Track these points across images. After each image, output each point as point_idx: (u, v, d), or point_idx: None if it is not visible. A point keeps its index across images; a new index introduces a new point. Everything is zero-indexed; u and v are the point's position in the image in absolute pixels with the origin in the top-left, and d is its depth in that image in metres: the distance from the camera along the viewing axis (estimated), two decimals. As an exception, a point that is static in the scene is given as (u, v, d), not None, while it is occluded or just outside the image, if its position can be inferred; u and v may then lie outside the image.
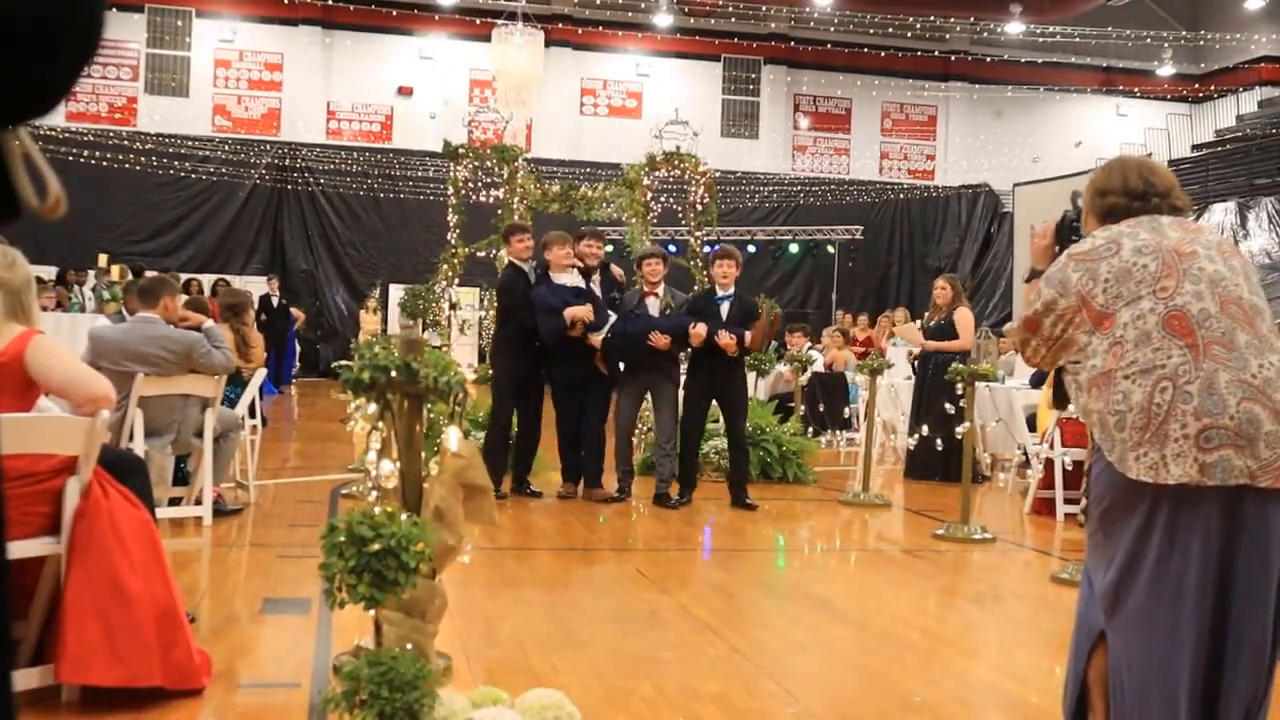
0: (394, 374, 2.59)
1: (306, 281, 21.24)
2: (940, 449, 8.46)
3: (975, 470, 8.40)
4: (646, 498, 7.51)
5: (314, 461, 9.23)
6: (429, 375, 2.60)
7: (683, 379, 7.84)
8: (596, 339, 7.29)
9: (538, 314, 7.21)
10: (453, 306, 9.65)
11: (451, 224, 9.68)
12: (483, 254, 9.90)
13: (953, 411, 7.20)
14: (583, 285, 7.34)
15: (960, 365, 6.94)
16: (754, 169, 23.46)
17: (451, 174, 9.62)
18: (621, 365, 7.57)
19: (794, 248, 22.34)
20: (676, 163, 9.50)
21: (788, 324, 12.89)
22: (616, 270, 7.76)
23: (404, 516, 2.56)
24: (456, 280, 9.72)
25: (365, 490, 2.76)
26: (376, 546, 2.44)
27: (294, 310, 18.29)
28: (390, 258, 21.48)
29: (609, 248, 7.97)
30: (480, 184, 10.09)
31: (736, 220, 22.18)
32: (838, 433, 11.23)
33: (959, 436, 6.98)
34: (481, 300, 21.39)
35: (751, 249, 20.70)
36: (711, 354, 7.26)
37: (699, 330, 7.22)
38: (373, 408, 2.65)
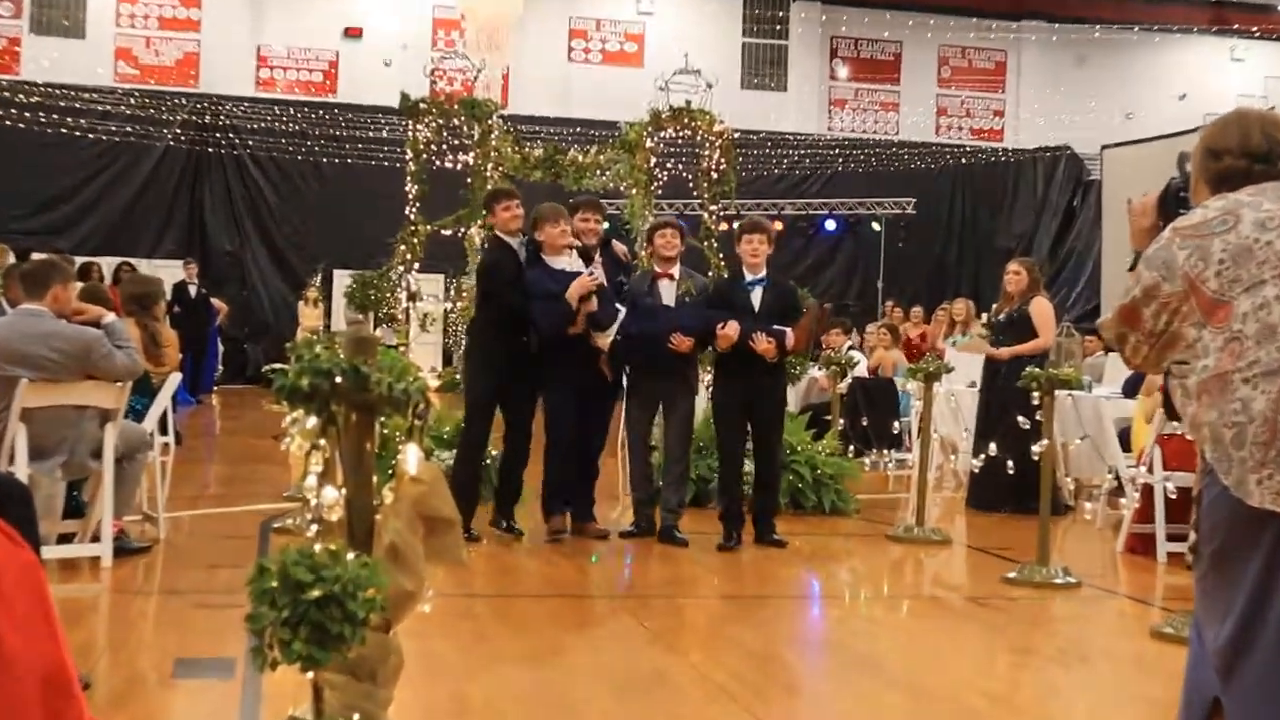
0: (339, 380, 2.57)
1: (232, 266, 21.26)
2: (1012, 473, 8.44)
3: (1055, 499, 8.37)
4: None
5: (240, 488, 9.22)
6: (382, 381, 2.58)
7: (700, 386, 7.82)
8: (605, 339, 7.12)
9: (535, 304, 7.01)
10: (412, 297, 9.66)
11: (410, 196, 9.69)
12: (449, 232, 9.90)
13: (1027, 426, 7.17)
14: (584, 269, 7.13)
15: (1036, 369, 6.92)
16: (782, 128, 23.48)
17: (410, 135, 9.62)
18: (626, 368, 7.53)
19: (831, 225, 22.36)
20: (686, 121, 9.50)
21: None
22: (619, 247, 7.62)
23: (351, 556, 2.54)
24: (417, 265, 9.73)
25: (303, 523, 2.74)
26: (317, 593, 2.41)
27: (216, 302, 18.29)
28: (335, 237, 21.46)
29: (605, 224, 7.83)
30: (446, 147, 10.07)
31: (760, 191, 22.20)
32: (885, 452, 11.22)
33: (1035, 457, 6.96)
34: (448, 289, 21.32)
35: (778, 226, 20.74)
36: (742, 357, 7.16)
37: (729, 332, 7.07)
38: (313, 422, 2.63)
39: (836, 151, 23.83)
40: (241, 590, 2.44)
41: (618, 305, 7.15)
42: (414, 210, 9.60)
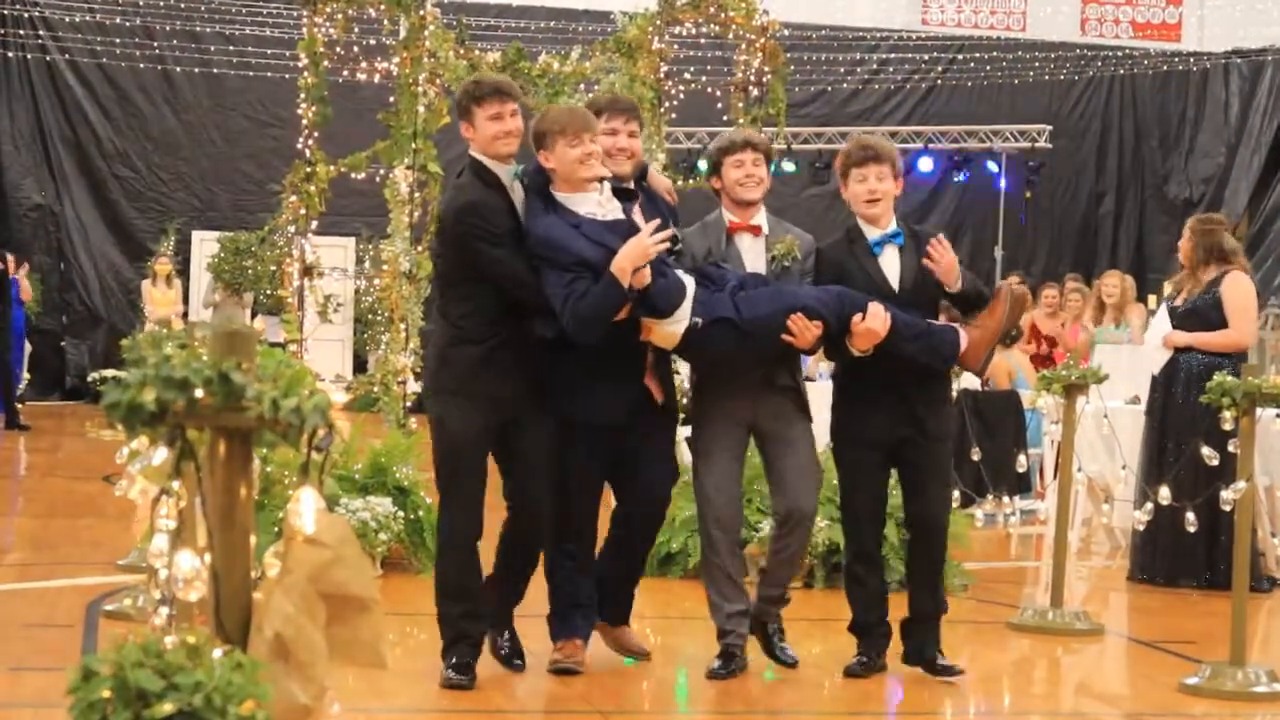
0: (201, 395, 2.59)
1: (41, 226, 21.25)
2: (1194, 530, 8.43)
3: (1256, 569, 8.35)
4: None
5: (55, 553, 9.21)
6: (264, 397, 2.60)
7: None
8: (670, 330, 6.23)
9: (548, 278, 6.09)
10: (307, 271, 9.66)
11: (304, 122, 9.69)
12: (361, 176, 9.90)
13: (1215, 462, 7.16)
14: (621, 215, 6.22)
15: (1230, 377, 6.91)
16: (855, 23, 23.49)
17: (306, 31, 9.63)
18: (682, 383, 7.09)
19: (926, 164, 22.34)
20: (713, 11, 9.50)
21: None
22: (660, 181, 6.96)
23: (219, 653, 2.56)
24: (314, 224, 9.74)
25: (148, 605, 2.76)
26: (169, 708, 2.43)
27: (20, 278, 18.27)
28: (195, 183, 21.50)
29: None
30: (358, 49, 10.07)
31: (823, 114, 22.22)
32: (1005, 500, 11.22)
33: (1227, 508, 6.95)
34: (360, 258, 21.36)
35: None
36: (884, 369, 6.36)
37: (873, 324, 6.22)
38: (162, 455, 2.64)
39: (935, 56, 23.83)
40: (59, 703, 2.46)
41: (683, 275, 6.28)
42: (310, 143, 9.61)
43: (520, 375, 6.18)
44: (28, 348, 19.19)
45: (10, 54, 21.17)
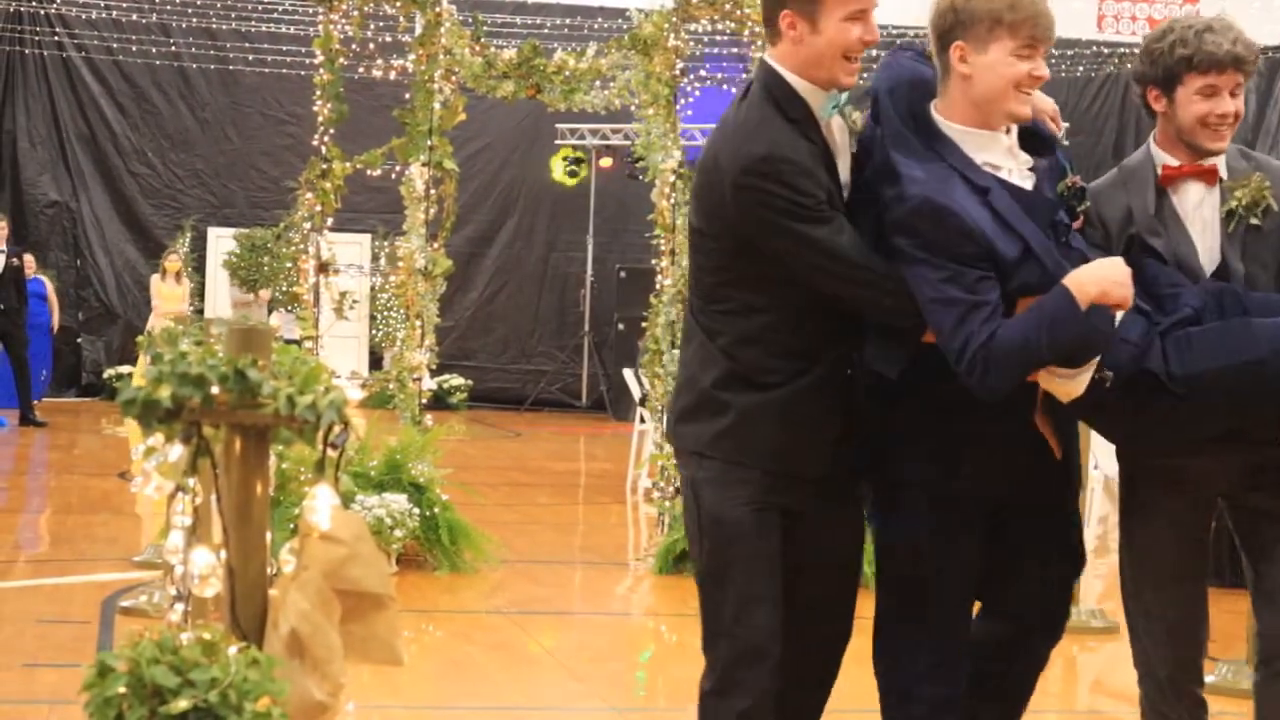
0: (216, 391, 2.59)
1: (57, 223, 21.27)
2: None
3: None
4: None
5: (71, 550, 9.22)
6: (280, 393, 2.60)
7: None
8: (1067, 386, 3.81)
9: (928, 278, 3.72)
10: (323, 269, 9.67)
11: (320, 119, 9.69)
12: (376, 172, 9.90)
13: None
14: (1032, 177, 3.94)
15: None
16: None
17: (322, 29, 9.63)
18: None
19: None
20: (729, 7, 9.48)
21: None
22: (1041, 103, 4.17)
23: (234, 650, 2.56)
24: (330, 221, 9.74)
25: (164, 602, 2.76)
26: (184, 704, 2.43)
27: (40, 275, 18.24)
28: (211, 180, 21.49)
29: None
30: (374, 47, 10.07)
31: (838, 112, 22.13)
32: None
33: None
34: (376, 255, 21.31)
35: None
36: None
37: None
38: (178, 452, 2.64)
39: (951, 53, 23.78)
40: (74, 699, 2.46)
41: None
42: (326, 140, 9.61)
43: (835, 439, 3.94)
44: (50, 347, 19.00)
45: (26, 51, 21.18)
